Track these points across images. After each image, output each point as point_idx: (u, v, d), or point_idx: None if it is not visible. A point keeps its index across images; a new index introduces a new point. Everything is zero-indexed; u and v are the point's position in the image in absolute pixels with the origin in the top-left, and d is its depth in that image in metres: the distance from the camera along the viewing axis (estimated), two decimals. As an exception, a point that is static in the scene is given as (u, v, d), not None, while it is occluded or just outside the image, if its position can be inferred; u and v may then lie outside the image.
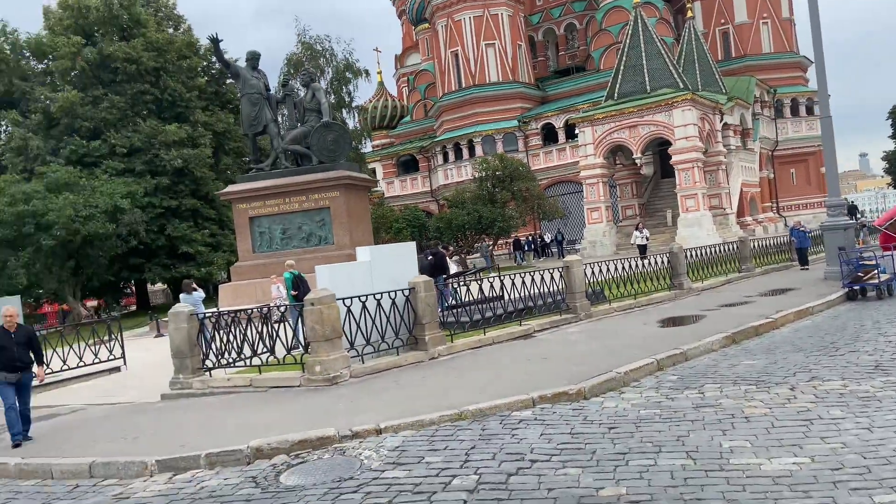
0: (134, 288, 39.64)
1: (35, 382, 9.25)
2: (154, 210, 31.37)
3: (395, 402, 8.02)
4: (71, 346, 13.85)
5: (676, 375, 8.39)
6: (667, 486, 4.79)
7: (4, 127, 34.51)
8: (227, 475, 6.29)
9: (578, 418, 6.84)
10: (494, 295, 13.54)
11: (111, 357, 14.21)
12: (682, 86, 34.71)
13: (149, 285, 41.18)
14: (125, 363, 14.46)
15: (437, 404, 7.58)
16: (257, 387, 10.07)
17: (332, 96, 42.08)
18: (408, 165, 53.34)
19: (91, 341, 14.38)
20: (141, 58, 33.21)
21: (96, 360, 13.99)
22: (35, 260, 25.73)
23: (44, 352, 9.75)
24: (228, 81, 37.30)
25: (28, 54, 34.83)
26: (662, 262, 17.35)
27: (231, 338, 10.65)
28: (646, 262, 18.08)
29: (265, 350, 10.56)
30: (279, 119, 23.08)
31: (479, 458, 5.80)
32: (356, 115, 48.58)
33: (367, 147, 54.20)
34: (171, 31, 37.72)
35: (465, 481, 5.25)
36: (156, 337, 21.75)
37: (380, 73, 60.37)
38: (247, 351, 10.54)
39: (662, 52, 35.97)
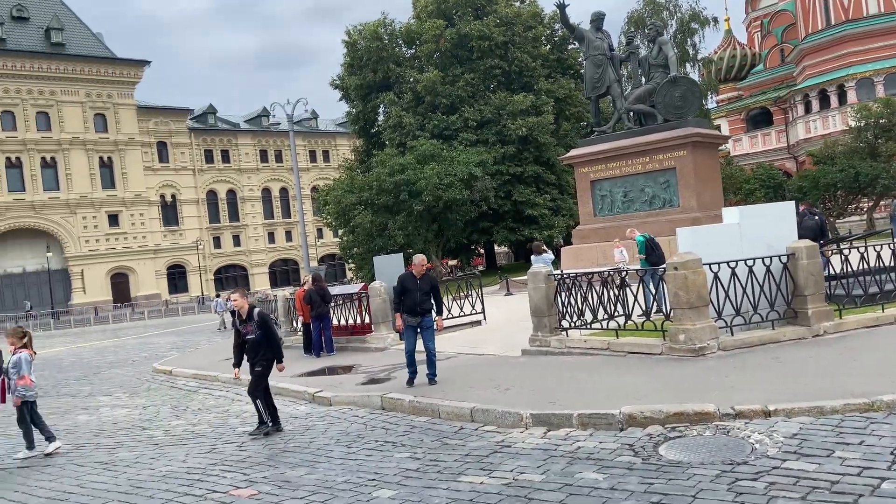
0: (482, 249, 43.27)
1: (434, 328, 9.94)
2: (502, 177, 33.57)
3: (778, 382, 7.08)
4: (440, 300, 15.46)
5: None
6: None
7: (383, 108, 40.19)
8: (601, 438, 6.20)
9: None
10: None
11: (473, 311, 15.46)
12: None
13: (495, 247, 44.53)
14: (485, 318, 15.63)
15: (830, 389, 6.47)
16: (614, 351, 9.90)
17: (676, 50, 39.80)
18: (758, 120, 48.12)
19: (455, 296, 15.84)
20: (492, 34, 35.61)
21: (461, 314, 15.34)
22: (407, 223, 29.57)
23: (444, 302, 10.63)
24: (571, 47, 37.82)
25: (401, 42, 39.93)
26: None
27: (581, 300, 10.64)
28: None
29: (621, 314, 10.32)
30: (621, 79, 22.50)
31: (912, 462, 4.71)
32: (700, 68, 45.30)
33: (712, 103, 50.29)
34: (517, 3, 39.56)
35: (901, 489, 4.27)
36: (505, 295, 23.22)
37: (727, 19, 55.16)
38: (601, 313, 10.43)
39: None
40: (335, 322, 15.25)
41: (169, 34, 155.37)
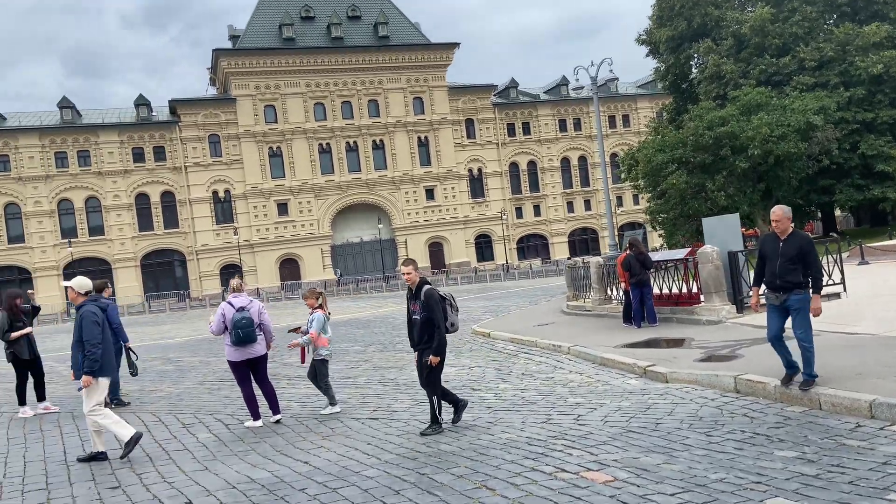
0: (818, 213, 37.44)
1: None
2: (847, 126, 28.34)
3: None
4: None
5: None
6: None
7: (697, 58, 36.80)
8: None
9: None
10: None
11: (830, 282, 12.89)
12: None
13: (837, 211, 38.21)
14: (844, 289, 12.96)
15: None
16: None
17: None
18: None
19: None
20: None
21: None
22: (728, 183, 26.56)
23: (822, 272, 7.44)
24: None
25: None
26: None
27: None
28: None
29: None
30: None
31: None
32: None
33: None
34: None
35: None
36: (859, 265, 19.47)
37: None
38: None
39: None
40: (656, 290, 13.99)
41: (475, 18, 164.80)
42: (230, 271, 61.40)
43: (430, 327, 6.83)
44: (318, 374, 8.34)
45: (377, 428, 7.29)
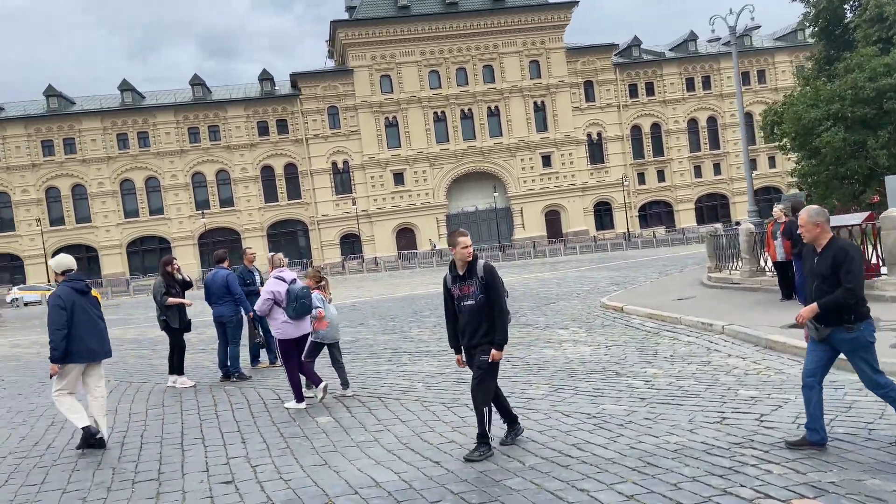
0: None
1: None
2: None
3: None
4: None
5: None
6: None
7: (853, 1, 32.57)
8: None
9: None
10: None
11: None
12: None
13: None
14: None
15: None
16: None
17: None
18: None
19: None
20: None
21: None
22: (893, 140, 23.23)
23: None
24: None
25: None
26: None
27: None
28: None
29: None
30: None
31: None
32: None
33: None
34: None
35: None
36: None
37: None
38: None
39: None
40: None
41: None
42: (349, 241, 62.79)
43: (488, 315, 5.21)
44: (332, 356, 8.17)
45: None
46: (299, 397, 7.48)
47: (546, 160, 64.66)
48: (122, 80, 61.06)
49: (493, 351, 5.18)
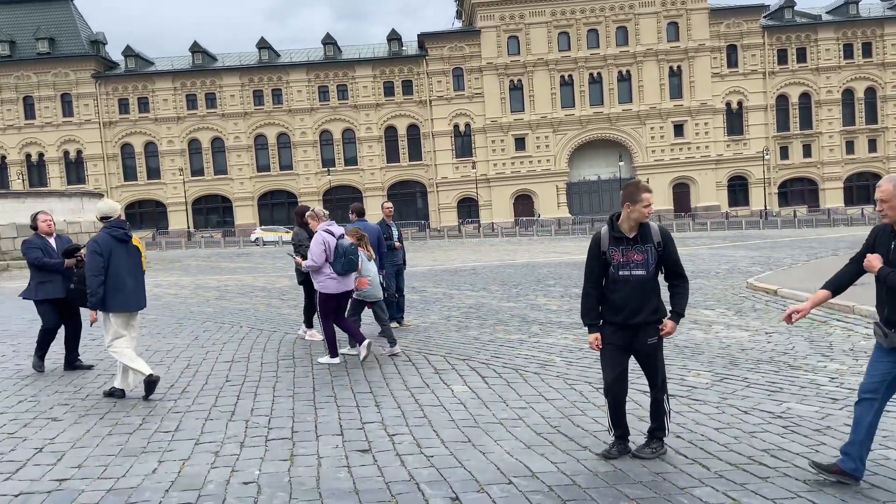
0: None
1: None
2: None
3: None
4: None
5: None
6: None
7: None
8: None
9: None
10: None
11: None
12: None
13: None
14: None
15: None
16: None
17: None
18: None
19: None
20: None
21: None
22: None
23: None
24: None
25: None
26: None
27: None
28: None
29: None
30: None
31: None
32: None
33: None
34: None
35: None
36: None
37: None
38: None
39: None
40: None
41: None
42: (466, 205, 62.54)
43: (656, 288, 4.37)
44: (375, 314, 8.33)
45: (678, 410, 5.52)
46: (334, 352, 7.52)
47: (678, 129, 61.00)
48: (260, 38, 63.28)
49: (668, 321, 4.36)
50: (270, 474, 4.17)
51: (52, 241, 7.23)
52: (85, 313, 6.66)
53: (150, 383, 6.04)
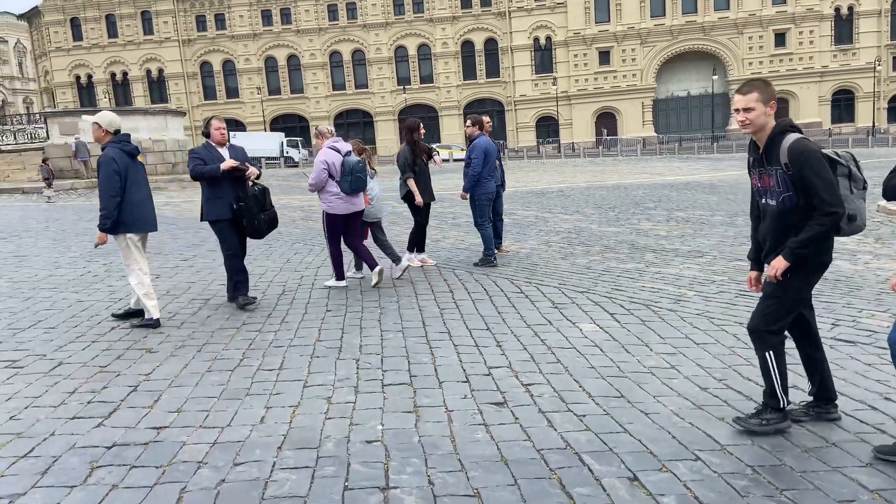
0: None
1: None
2: None
3: None
4: None
5: None
6: None
7: None
8: None
9: None
10: None
11: None
12: None
13: None
14: None
15: None
16: None
17: None
18: None
19: None
20: None
21: None
22: None
23: None
24: None
25: None
26: None
27: None
28: None
29: None
30: None
31: None
32: None
33: None
34: None
35: None
36: None
37: None
38: None
39: None
40: None
41: None
42: (545, 124, 60.20)
43: (800, 221, 3.28)
44: (374, 236, 8.05)
45: (869, 363, 4.56)
46: (340, 275, 7.25)
47: (780, 39, 56.00)
48: (335, -50, 61.17)
49: (776, 262, 3.29)
50: (395, 431, 3.54)
51: (224, 151, 6.31)
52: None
53: (148, 326, 5.69)
